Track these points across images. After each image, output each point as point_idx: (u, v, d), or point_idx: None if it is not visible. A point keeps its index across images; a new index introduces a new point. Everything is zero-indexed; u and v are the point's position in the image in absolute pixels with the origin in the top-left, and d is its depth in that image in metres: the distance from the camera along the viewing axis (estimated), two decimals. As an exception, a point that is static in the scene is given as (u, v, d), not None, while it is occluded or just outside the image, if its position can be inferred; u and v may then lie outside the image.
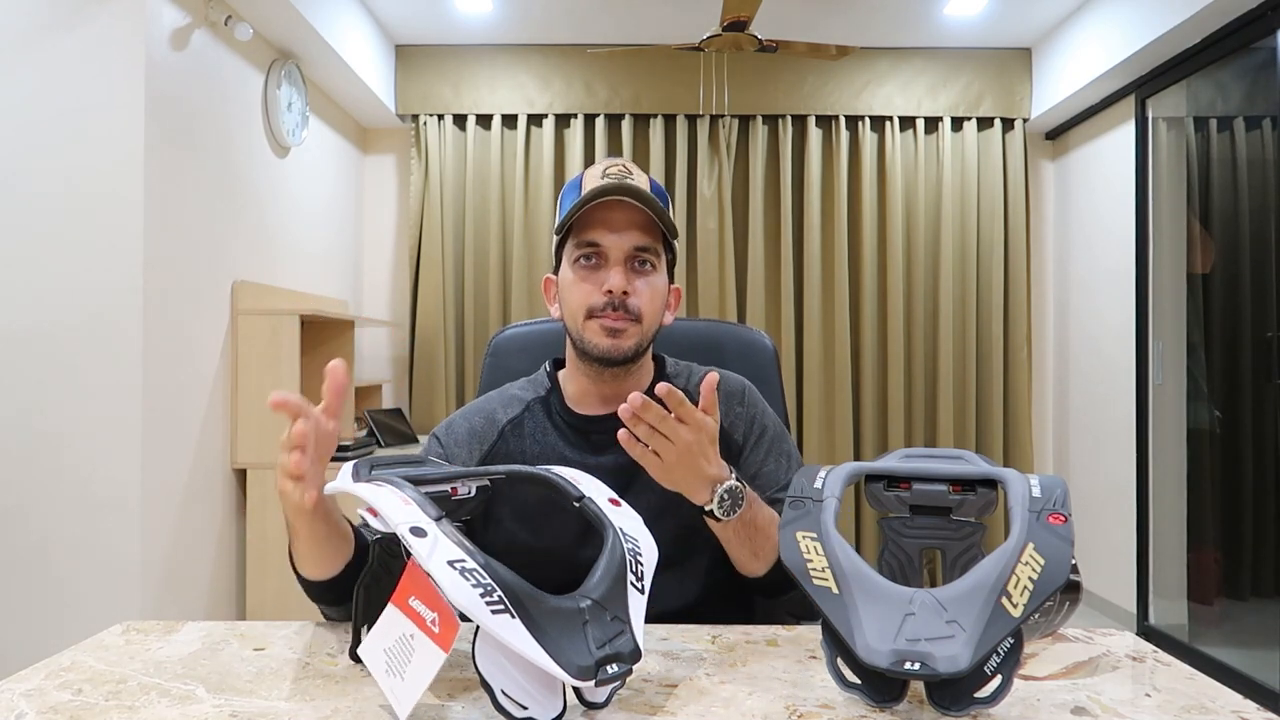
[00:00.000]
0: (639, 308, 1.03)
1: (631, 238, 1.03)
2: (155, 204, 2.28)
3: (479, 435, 1.11)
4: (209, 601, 2.62)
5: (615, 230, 1.02)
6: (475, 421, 1.12)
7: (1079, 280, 3.88)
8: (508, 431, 1.10)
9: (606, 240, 1.02)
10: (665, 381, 1.11)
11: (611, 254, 1.03)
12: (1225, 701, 0.69)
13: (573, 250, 1.05)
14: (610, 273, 1.02)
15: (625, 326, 1.03)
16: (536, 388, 1.15)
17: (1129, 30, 3.12)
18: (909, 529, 0.75)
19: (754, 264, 3.93)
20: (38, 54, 2.20)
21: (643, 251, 1.04)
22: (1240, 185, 3.09)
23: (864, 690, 0.67)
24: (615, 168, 1.05)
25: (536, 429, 1.10)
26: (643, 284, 1.04)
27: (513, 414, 1.12)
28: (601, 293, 1.02)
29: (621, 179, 1.03)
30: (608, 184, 1.01)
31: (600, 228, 1.02)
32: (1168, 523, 3.27)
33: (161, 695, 0.69)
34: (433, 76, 3.91)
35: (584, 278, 1.04)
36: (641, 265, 1.04)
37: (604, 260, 1.03)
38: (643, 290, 1.04)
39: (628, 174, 1.05)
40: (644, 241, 1.03)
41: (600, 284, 1.02)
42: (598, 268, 1.04)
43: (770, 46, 3.03)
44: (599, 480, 0.82)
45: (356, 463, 0.78)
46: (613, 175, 1.04)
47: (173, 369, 2.38)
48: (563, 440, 1.09)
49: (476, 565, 0.62)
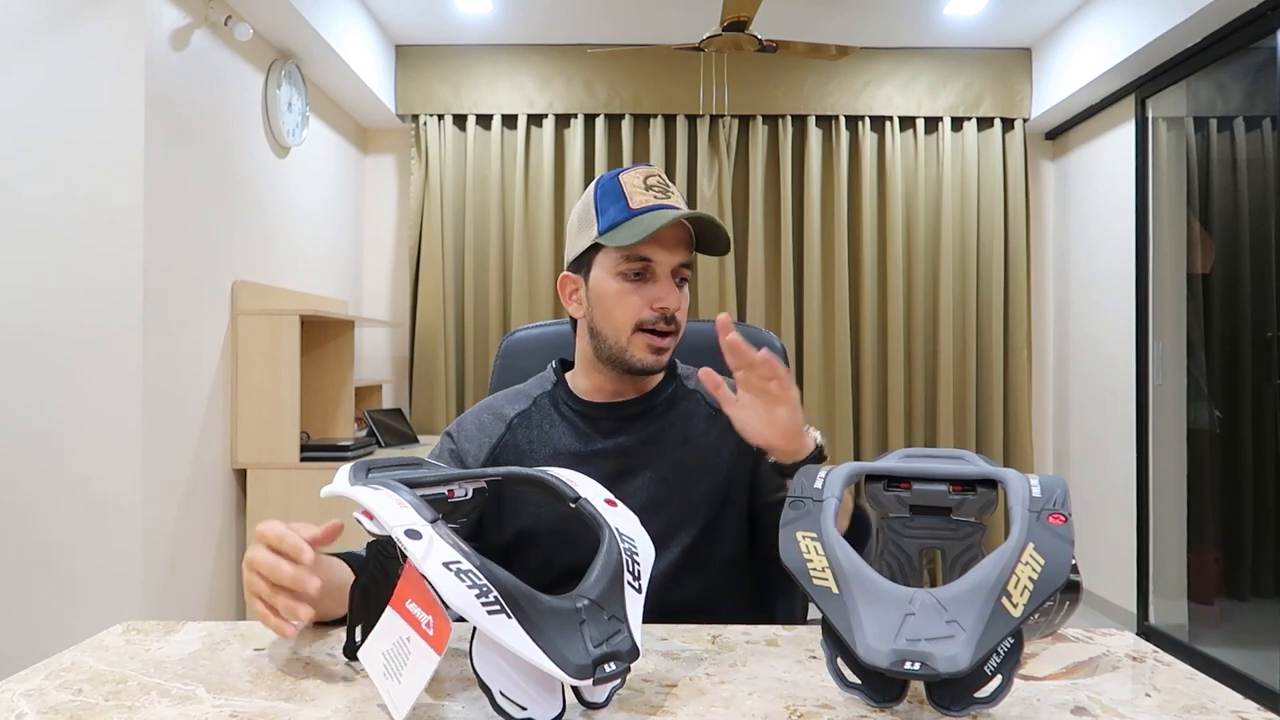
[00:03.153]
0: (681, 320, 1.08)
1: (680, 255, 1.06)
2: (155, 204, 2.28)
3: (487, 430, 1.14)
4: (209, 601, 2.62)
5: (666, 247, 1.05)
6: (484, 418, 1.15)
7: (1079, 280, 3.88)
8: (515, 424, 1.13)
9: (659, 257, 1.05)
10: (679, 380, 1.14)
11: (660, 270, 1.05)
12: (1225, 701, 0.69)
13: (619, 261, 1.05)
14: (661, 289, 1.05)
15: (671, 342, 1.08)
16: (543, 384, 1.18)
17: (1129, 30, 3.12)
18: (909, 529, 0.75)
19: (754, 264, 3.93)
20: (38, 54, 2.21)
21: (684, 268, 1.07)
22: (1240, 185, 3.09)
23: (864, 690, 0.67)
24: (655, 178, 1.08)
25: (543, 420, 1.13)
26: (683, 299, 1.09)
27: (520, 408, 1.15)
28: (653, 308, 1.05)
29: (666, 191, 1.07)
30: (660, 201, 1.05)
31: (653, 244, 1.04)
32: (1168, 523, 3.27)
33: (161, 695, 0.69)
34: (433, 76, 3.91)
35: (632, 290, 1.06)
36: (681, 281, 1.08)
37: (651, 275, 1.06)
38: (683, 304, 1.09)
39: (668, 185, 1.08)
40: (688, 258, 1.07)
41: (649, 298, 1.05)
42: (645, 281, 1.06)
43: (770, 46, 3.03)
44: (599, 477, 0.83)
45: (353, 465, 0.78)
46: (655, 187, 1.06)
47: (173, 369, 2.39)
48: (570, 429, 1.12)
49: (472, 566, 0.62)
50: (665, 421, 1.12)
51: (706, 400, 1.15)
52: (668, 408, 1.13)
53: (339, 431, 3.15)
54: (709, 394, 1.14)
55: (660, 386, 1.15)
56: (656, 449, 1.10)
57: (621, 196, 1.05)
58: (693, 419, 1.13)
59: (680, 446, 1.10)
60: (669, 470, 1.09)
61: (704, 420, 1.13)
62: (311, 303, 3.19)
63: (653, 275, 1.05)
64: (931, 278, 3.98)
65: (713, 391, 0.93)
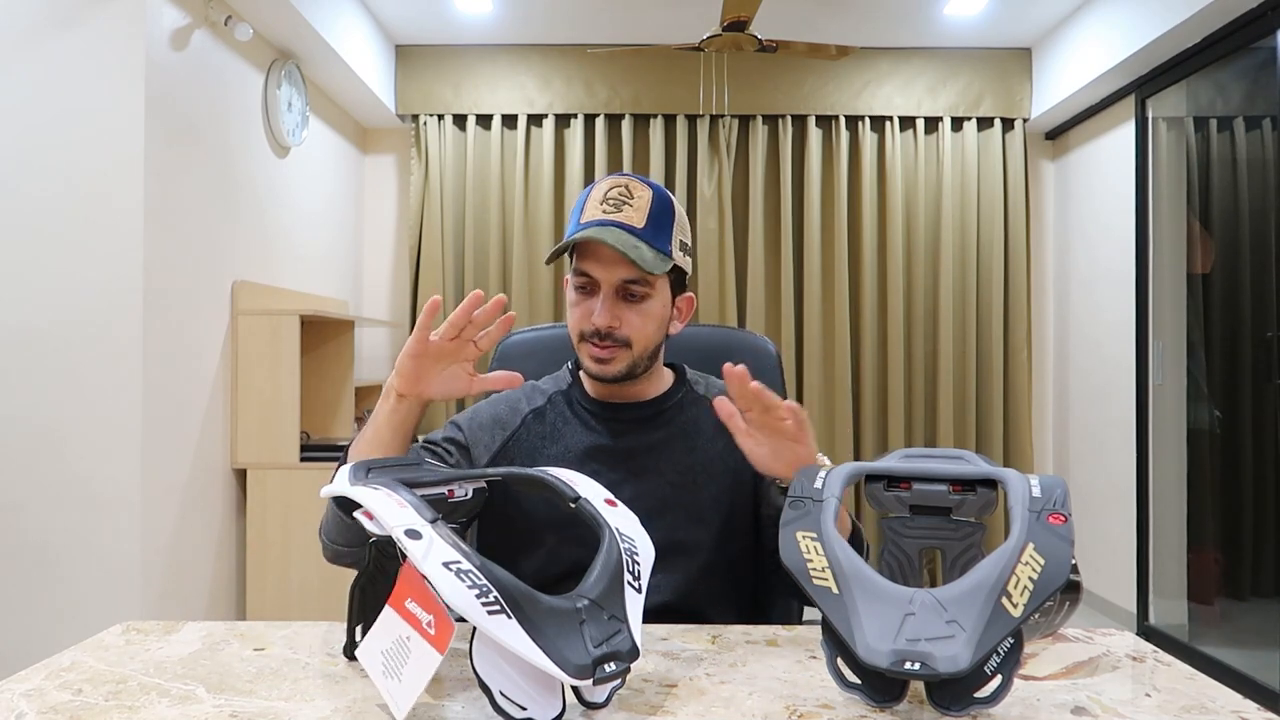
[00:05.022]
0: (627, 336, 1.06)
1: (619, 272, 1.04)
2: (155, 204, 2.28)
3: (502, 422, 1.14)
4: (209, 601, 2.62)
5: (604, 264, 1.04)
6: (500, 409, 1.15)
7: (1079, 280, 3.88)
8: (530, 419, 1.14)
9: (596, 273, 1.05)
10: (688, 386, 1.13)
11: (602, 285, 1.05)
12: (1225, 701, 0.69)
13: (571, 273, 1.08)
14: (596, 304, 1.05)
15: (613, 355, 1.06)
16: (559, 382, 1.18)
17: (1129, 30, 3.12)
18: (909, 529, 0.75)
19: (754, 264, 3.93)
20: (38, 54, 2.20)
21: (631, 284, 1.05)
22: (1240, 185, 3.09)
23: (864, 690, 0.67)
24: (616, 190, 1.05)
25: (558, 418, 1.14)
26: (633, 313, 1.06)
27: (536, 404, 1.16)
28: (590, 322, 1.05)
29: (620, 205, 1.04)
30: (606, 216, 1.03)
31: (591, 259, 1.05)
32: (1168, 523, 3.27)
33: (161, 695, 0.69)
34: (433, 76, 3.91)
35: (577, 302, 1.08)
36: (632, 297, 1.06)
37: (595, 289, 1.06)
38: (632, 319, 1.06)
39: (628, 198, 1.04)
40: (632, 275, 1.04)
41: (590, 312, 1.05)
42: (590, 294, 1.06)
43: (770, 46, 3.03)
44: (607, 477, 0.84)
45: (354, 465, 0.78)
46: (612, 200, 1.04)
47: (173, 369, 2.39)
48: (583, 427, 1.13)
49: (472, 566, 0.62)
50: (674, 427, 1.12)
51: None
52: (677, 412, 1.14)
53: (339, 431, 3.15)
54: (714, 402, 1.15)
55: (670, 392, 1.15)
56: (664, 454, 1.10)
57: (582, 208, 1.06)
58: (701, 426, 1.13)
59: (688, 453, 1.11)
60: (676, 476, 1.09)
61: (712, 428, 1.12)
62: (311, 303, 3.18)
63: (595, 289, 1.06)
64: (931, 277, 3.98)
65: (725, 421, 0.92)
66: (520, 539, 1.08)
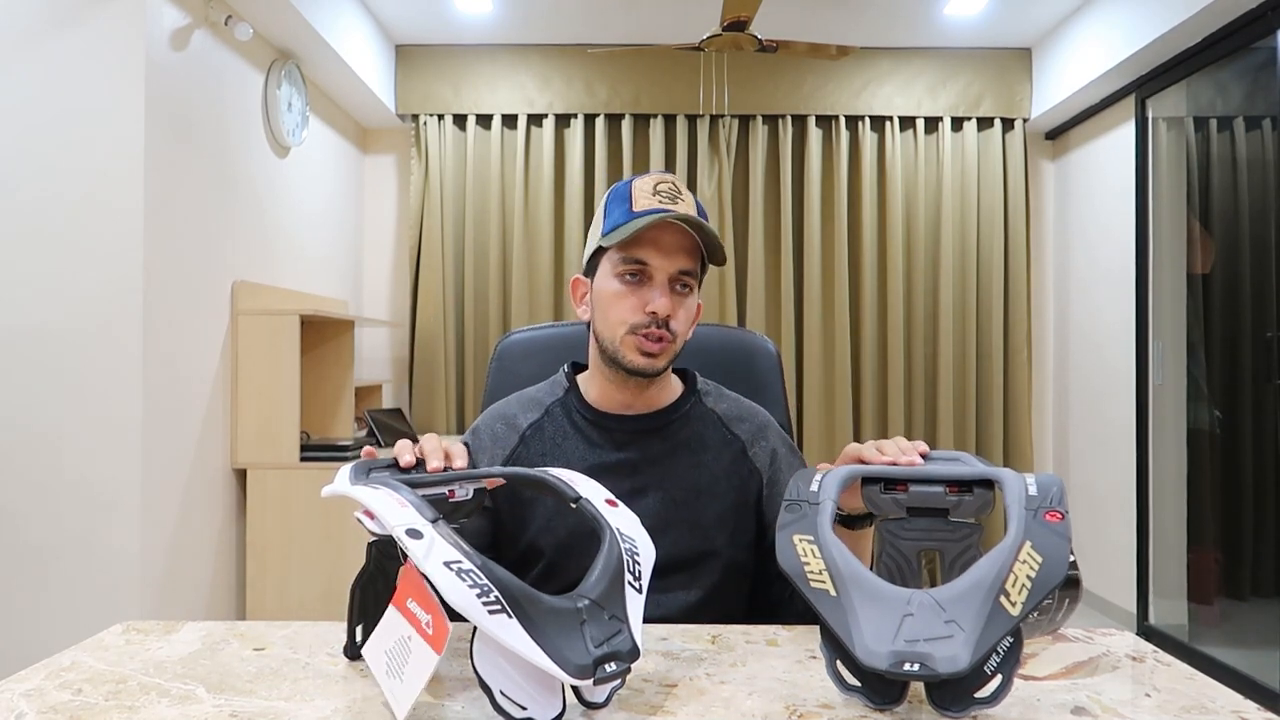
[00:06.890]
0: (676, 329, 1.06)
1: (678, 261, 1.04)
2: (155, 204, 2.29)
3: (501, 440, 1.13)
4: (209, 601, 2.62)
5: (664, 252, 1.03)
6: (497, 427, 1.14)
7: (1079, 280, 3.88)
8: (529, 436, 1.12)
9: (655, 261, 1.04)
10: (697, 396, 1.14)
11: (657, 275, 1.04)
12: (1225, 701, 0.69)
13: (618, 263, 1.05)
14: (655, 293, 1.04)
15: (663, 348, 1.05)
16: (555, 390, 1.16)
17: (1129, 30, 3.12)
18: (907, 531, 0.75)
19: (754, 264, 3.93)
20: (38, 54, 2.21)
21: (685, 275, 1.05)
22: (1240, 185, 3.09)
23: (864, 693, 0.67)
24: (666, 184, 1.06)
25: (556, 433, 1.12)
26: (681, 306, 1.06)
27: (533, 418, 1.13)
28: (645, 312, 1.03)
29: (674, 197, 1.05)
30: (662, 206, 1.03)
31: (650, 247, 1.03)
32: (1168, 523, 3.27)
33: (161, 695, 0.69)
34: (433, 76, 3.91)
35: (628, 293, 1.05)
36: (682, 288, 1.06)
37: (648, 279, 1.04)
38: (681, 313, 1.06)
39: (678, 193, 1.06)
40: (689, 265, 1.05)
41: (643, 302, 1.04)
42: (641, 285, 1.05)
43: (770, 46, 3.03)
44: (607, 480, 0.83)
45: (354, 465, 0.78)
46: (664, 193, 1.05)
47: (173, 369, 2.39)
48: (583, 440, 1.11)
49: (473, 566, 0.62)
50: (678, 441, 1.10)
51: (724, 423, 1.14)
52: (682, 425, 1.12)
53: (339, 431, 3.15)
54: (727, 415, 1.14)
55: (678, 403, 1.13)
56: (667, 469, 1.09)
57: (628, 199, 1.05)
58: (706, 441, 1.11)
59: (692, 469, 1.09)
60: (679, 492, 1.07)
61: (718, 443, 1.11)
62: (311, 303, 3.19)
63: (649, 279, 1.04)
64: (931, 278, 3.98)
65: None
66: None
